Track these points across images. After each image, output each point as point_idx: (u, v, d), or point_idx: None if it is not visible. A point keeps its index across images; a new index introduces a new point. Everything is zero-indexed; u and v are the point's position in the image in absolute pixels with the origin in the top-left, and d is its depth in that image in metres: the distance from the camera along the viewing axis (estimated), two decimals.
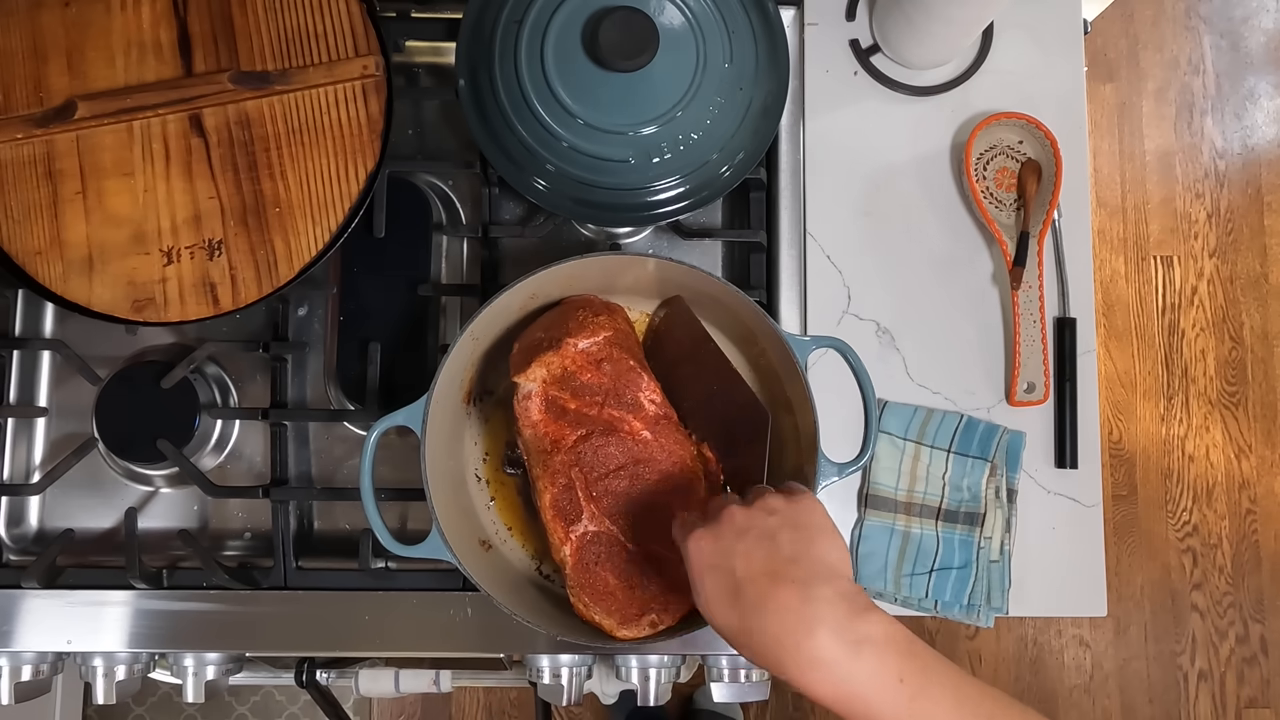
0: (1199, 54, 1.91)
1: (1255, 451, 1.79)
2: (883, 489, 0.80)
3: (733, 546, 0.53)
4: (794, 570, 0.51)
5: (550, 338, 0.69)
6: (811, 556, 0.52)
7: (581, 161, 0.71)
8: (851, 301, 0.83)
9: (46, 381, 0.84)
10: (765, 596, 0.50)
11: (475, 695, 1.68)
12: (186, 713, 1.63)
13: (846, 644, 0.49)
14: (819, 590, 0.50)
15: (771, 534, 0.53)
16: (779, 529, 0.53)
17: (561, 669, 0.78)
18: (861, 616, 0.50)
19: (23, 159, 0.72)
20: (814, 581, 0.51)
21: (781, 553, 0.52)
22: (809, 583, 0.51)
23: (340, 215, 0.73)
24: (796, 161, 0.85)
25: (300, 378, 0.84)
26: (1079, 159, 0.85)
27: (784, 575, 0.51)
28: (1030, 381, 0.81)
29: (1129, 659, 1.72)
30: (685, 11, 0.71)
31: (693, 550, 0.54)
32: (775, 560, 0.52)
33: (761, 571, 0.51)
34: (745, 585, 0.51)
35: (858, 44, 0.87)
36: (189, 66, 0.73)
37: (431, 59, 0.87)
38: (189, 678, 0.78)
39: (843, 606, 0.50)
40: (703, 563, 0.53)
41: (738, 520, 0.54)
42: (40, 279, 0.71)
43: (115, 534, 0.82)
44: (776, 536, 0.53)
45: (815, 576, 0.51)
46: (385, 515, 0.67)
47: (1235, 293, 1.83)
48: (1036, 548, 0.81)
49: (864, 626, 0.49)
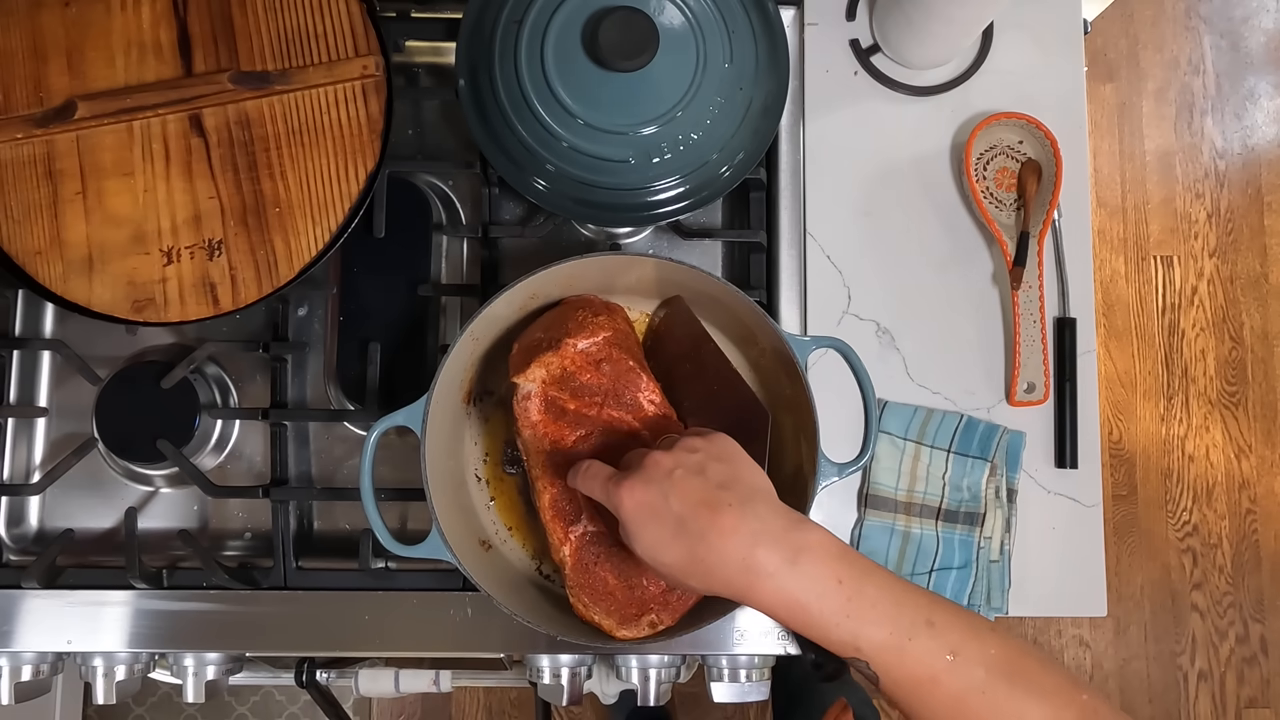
0: (1199, 54, 1.91)
1: (1255, 451, 1.79)
2: (883, 489, 0.80)
3: (666, 487, 0.54)
4: (728, 495, 0.53)
5: (550, 338, 0.69)
6: (741, 481, 0.55)
7: (581, 161, 0.71)
8: (851, 301, 0.83)
9: (46, 381, 0.84)
10: (707, 524, 0.52)
11: (475, 695, 1.68)
12: (186, 713, 1.63)
13: (786, 553, 0.51)
14: (755, 509, 0.53)
15: (699, 468, 0.55)
16: (705, 462, 0.55)
17: (561, 669, 0.78)
18: (798, 528, 0.53)
19: (23, 159, 0.72)
20: (749, 502, 0.53)
21: (713, 482, 0.54)
22: (744, 504, 0.53)
23: (340, 215, 0.73)
24: (796, 161, 0.85)
25: (300, 378, 0.84)
26: (1079, 159, 0.85)
27: (720, 501, 0.53)
28: (1030, 381, 0.81)
29: (1129, 659, 1.73)
30: (685, 11, 0.71)
31: (626, 500, 0.55)
32: (708, 490, 0.54)
33: (699, 502, 0.53)
34: (686, 519, 0.53)
35: (858, 44, 0.87)
36: (189, 66, 0.73)
37: (431, 59, 0.87)
38: (189, 678, 0.78)
39: (779, 521, 0.53)
40: (639, 509, 0.55)
41: (664, 463, 0.55)
42: (40, 279, 0.71)
43: (115, 534, 0.82)
44: (705, 469, 0.55)
45: (749, 498, 0.54)
46: (385, 515, 0.67)
47: (1235, 293, 1.83)
48: (1036, 548, 0.81)
49: (801, 536, 0.52)
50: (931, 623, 0.50)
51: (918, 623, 0.50)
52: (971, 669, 0.49)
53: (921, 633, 0.50)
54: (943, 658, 0.50)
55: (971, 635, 0.50)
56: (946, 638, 0.50)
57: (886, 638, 0.50)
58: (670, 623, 0.67)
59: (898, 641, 0.50)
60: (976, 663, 0.50)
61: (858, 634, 0.50)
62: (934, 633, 0.50)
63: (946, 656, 0.50)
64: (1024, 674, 0.50)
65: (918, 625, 0.50)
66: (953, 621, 0.51)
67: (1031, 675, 0.50)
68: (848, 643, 0.50)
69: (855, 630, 0.50)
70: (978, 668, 0.49)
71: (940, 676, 0.49)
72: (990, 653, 0.50)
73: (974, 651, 0.50)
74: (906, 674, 0.50)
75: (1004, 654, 0.50)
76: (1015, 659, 0.50)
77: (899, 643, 0.50)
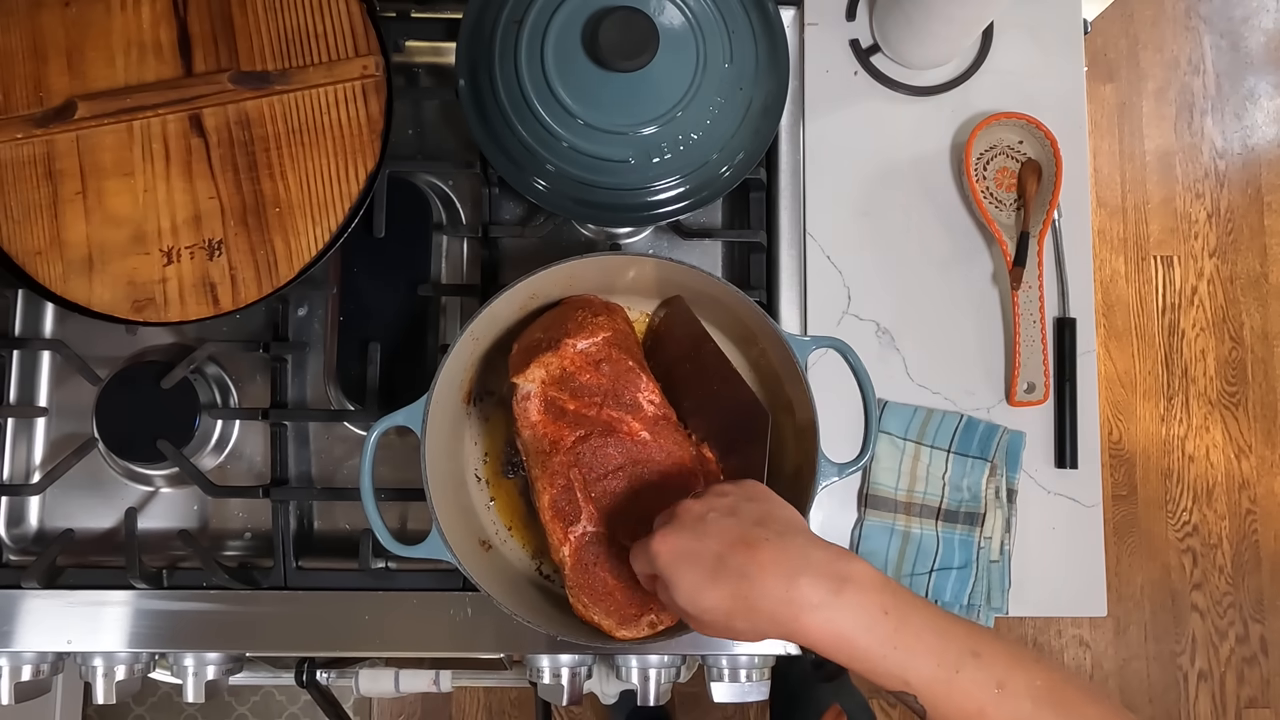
0: (1199, 54, 1.91)
1: (1255, 451, 1.79)
2: (883, 489, 0.80)
3: (699, 530, 0.54)
4: (764, 531, 0.53)
5: (549, 338, 0.69)
6: (775, 517, 0.55)
7: (581, 161, 0.71)
8: (851, 301, 0.83)
9: (46, 381, 0.84)
10: (746, 560, 0.52)
11: (475, 695, 1.68)
12: (186, 713, 1.63)
13: (830, 584, 0.50)
14: (794, 541, 0.53)
15: (732, 509, 0.55)
16: (737, 504, 0.55)
17: (561, 669, 0.78)
18: (840, 559, 0.52)
19: (23, 159, 0.72)
20: (786, 535, 0.53)
21: (748, 520, 0.54)
22: (782, 537, 0.53)
23: (340, 215, 0.73)
24: (796, 161, 0.85)
25: (300, 378, 0.84)
26: (1079, 159, 0.85)
27: (757, 537, 0.53)
28: (1030, 381, 0.81)
29: (1129, 659, 1.73)
30: (685, 11, 0.71)
31: (661, 550, 0.55)
32: (744, 527, 0.53)
33: (736, 540, 0.53)
34: (725, 557, 0.52)
35: (858, 44, 0.87)
36: (189, 66, 0.73)
37: (431, 59, 0.87)
38: (189, 678, 0.78)
39: (820, 553, 0.52)
40: (675, 556, 0.54)
41: (695, 509, 0.55)
42: (40, 279, 0.71)
43: (115, 534, 0.82)
44: (738, 510, 0.55)
45: (785, 532, 0.53)
46: (385, 515, 0.67)
47: (1235, 293, 1.83)
48: (1036, 548, 0.81)
49: (844, 567, 0.51)
50: (977, 654, 0.50)
51: (964, 654, 0.50)
52: (1019, 702, 0.49)
53: (968, 664, 0.49)
54: (990, 690, 0.49)
55: (1017, 666, 0.50)
56: (993, 669, 0.50)
57: (935, 670, 0.49)
58: (670, 623, 0.67)
59: (946, 674, 0.49)
60: (1024, 695, 0.49)
61: (905, 666, 0.49)
62: (980, 664, 0.50)
63: (994, 689, 0.49)
64: (1068, 705, 0.50)
65: (964, 656, 0.50)
66: (998, 652, 0.50)
67: (1077, 706, 0.50)
68: (895, 675, 0.50)
69: (903, 662, 0.49)
70: (1025, 700, 0.49)
71: (988, 709, 0.49)
72: (1036, 684, 0.50)
73: (1020, 683, 0.50)
74: (955, 707, 0.49)
75: (1049, 684, 0.50)
76: (1059, 689, 0.50)
77: (947, 675, 0.49)
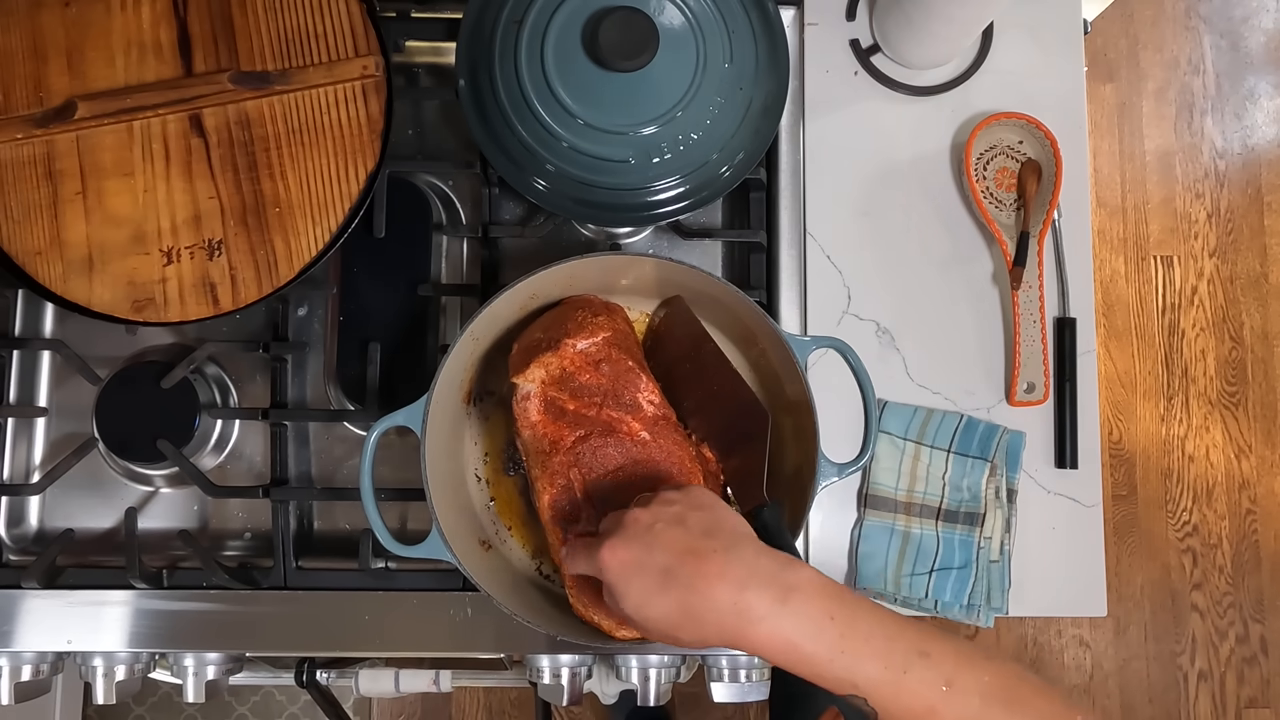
0: (1199, 54, 1.91)
1: (1255, 451, 1.79)
2: (883, 489, 0.80)
3: (648, 540, 0.54)
4: (712, 542, 0.53)
5: (549, 338, 0.69)
6: (723, 527, 0.55)
7: (581, 161, 0.71)
8: (851, 301, 0.83)
9: (46, 381, 0.84)
10: (694, 571, 0.52)
11: (475, 695, 1.68)
12: (186, 713, 1.63)
13: (776, 593, 0.51)
14: (741, 553, 0.53)
15: (679, 519, 0.55)
16: (685, 513, 0.55)
17: (561, 669, 0.78)
18: (786, 568, 0.52)
19: (23, 159, 0.72)
20: (734, 547, 0.53)
21: (695, 530, 0.54)
22: (730, 549, 0.53)
23: (340, 215, 0.73)
24: (796, 161, 0.85)
25: (300, 378, 0.84)
26: (1079, 159, 0.85)
27: (705, 548, 0.53)
28: (1030, 381, 0.81)
29: (1129, 659, 1.72)
30: (685, 11, 0.71)
31: (609, 559, 0.55)
32: (691, 538, 0.54)
33: (683, 550, 0.53)
34: (672, 569, 0.53)
35: (858, 44, 0.87)
36: (189, 66, 0.73)
37: (431, 59, 0.87)
38: (189, 678, 0.78)
39: (767, 562, 0.53)
40: (623, 567, 0.54)
41: (642, 519, 0.55)
42: (40, 279, 0.71)
43: (115, 534, 0.82)
44: (685, 519, 0.55)
45: (734, 543, 0.53)
46: (385, 515, 0.67)
47: (1235, 293, 1.83)
48: (1036, 548, 0.81)
49: (790, 576, 0.52)
50: (925, 653, 0.50)
51: (911, 654, 0.50)
52: (967, 698, 0.50)
53: (916, 664, 0.50)
54: (938, 688, 0.50)
55: (965, 664, 0.50)
56: (941, 668, 0.50)
57: (882, 672, 0.50)
58: None
59: (893, 675, 0.50)
60: (972, 692, 0.50)
61: (853, 669, 0.50)
62: (928, 663, 0.50)
63: (942, 687, 0.50)
64: (1020, 700, 0.50)
65: (911, 656, 0.50)
66: (946, 651, 0.51)
67: (1027, 701, 0.50)
68: (844, 679, 0.50)
69: (850, 666, 0.50)
70: (973, 696, 0.50)
71: (938, 707, 0.50)
72: (984, 680, 0.50)
73: (969, 680, 0.50)
74: (903, 707, 0.50)
75: (998, 681, 0.50)
76: (1010, 685, 0.50)
77: (894, 676, 0.50)
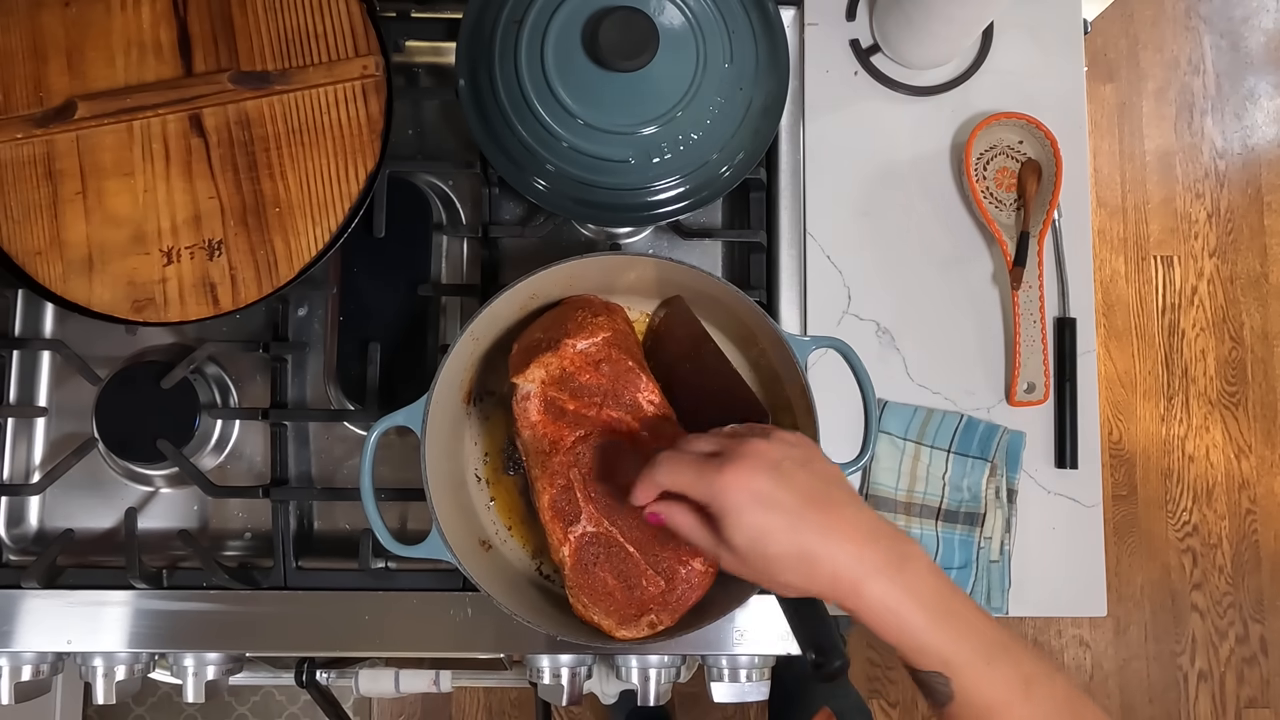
0: (1199, 54, 1.91)
1: (1255, 451, 1.79)
2: (883, 489, 0.80)
3: (778, 478, 0.52)
4: (840, 493, 0.53)
5: (549, 338, 0.69)
6: (843, 482, 0.55)
7: (581, 161, 0.71)
8: (851, 301, 0.83)
9: (46, 381, 0.84)
10: (825, 521, 0.51)
11: (475, 695, 1.68)
12: (186, 713, 1.63)
13: (893, 558, 0.51)
14: (863, 511, 0.53)
15: (805, 462, 0.54)
16: (808, 458, 0.54)
17: (561, 669, 0.78)
18: (900, 538, 0.53)
19: (23, 159, 0.72)
20: (856, 503, 0.53)
21: (821, 478, 0.53)
22: (855, 504, 0.53)
23: (340, 215, 0.73)
24: (796, 161, 0.85)
25: (300, 378, 0.84)
26: (1079, 159, 0.85)
27: (835, 499, 0.52)
28: (1030, 381, 0.81)
29: (1129, 659, 1.73)
30: (685, 11, 0.71)
31: (734, 487, 0.52)
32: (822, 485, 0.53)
33: (815, 497, 0.52)
34: (803, 512, 0.51)
35: (858, 44, 0.87)
36: (189, 66, 0.73)
37: (431, 59, 0.87)
38: (189, 678, 0.78)
39: (886, 527, 0.53)
40: (750, 498, 0.52)
41: (769, 453, 0.53)
42: (40, 279, 0.71)
43: (115, 534, 0.82)
44: (810, 465, 0.54)
45: (854, 499, 0.53)
46: (385, 515, 0.67)
47: (1235, 293, 1.83)
48: (1036, 548, 0.81)
49: (904, 546, 0.52)
50: (1010, 651, 0.51)
51: (997, 648, 0.51)
52: (1042, 703, 0.50)
53: (1001, 658, 0.50)
54: (1019, 686, 0.50)
55: (1044, 671, 0.51)
56: (1023, 667, 0.51)
57: (972, 655, 0.50)
58: (670, 623, 0.67)
59: (982, 662, 0.50)
60: (1047, 697, 0.51)
61: (946, 647, 0.50)
62: (1012, 660, 0.51)
63: (1022, 686, 0.50)
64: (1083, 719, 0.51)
65: (998, 650, 0.51)
66: (1027, 654, 0.52)
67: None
68: (934, 654, 0.50)
69: (944, 643, 0.50)
70: (1046, 702, 0.51)
71: (1014, 703, 0.50)
72: (1058, 691, 0.51)
73: (1045, 686, 0.51)
74: (982, 695, 0.50)
75: (1069, 695, 0.51)
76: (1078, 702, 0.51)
77: (983, 663, 0.50)
